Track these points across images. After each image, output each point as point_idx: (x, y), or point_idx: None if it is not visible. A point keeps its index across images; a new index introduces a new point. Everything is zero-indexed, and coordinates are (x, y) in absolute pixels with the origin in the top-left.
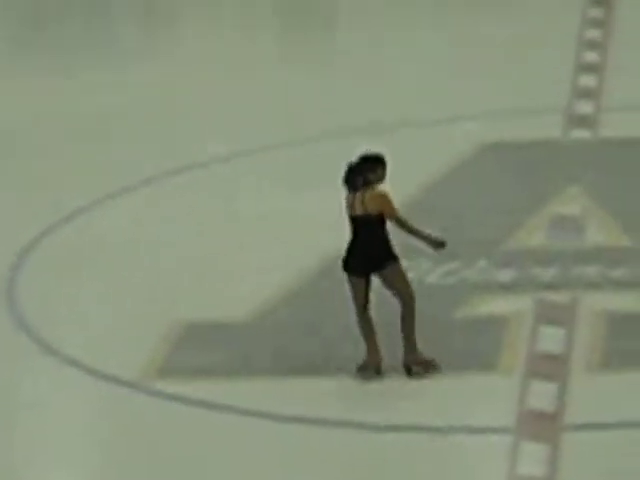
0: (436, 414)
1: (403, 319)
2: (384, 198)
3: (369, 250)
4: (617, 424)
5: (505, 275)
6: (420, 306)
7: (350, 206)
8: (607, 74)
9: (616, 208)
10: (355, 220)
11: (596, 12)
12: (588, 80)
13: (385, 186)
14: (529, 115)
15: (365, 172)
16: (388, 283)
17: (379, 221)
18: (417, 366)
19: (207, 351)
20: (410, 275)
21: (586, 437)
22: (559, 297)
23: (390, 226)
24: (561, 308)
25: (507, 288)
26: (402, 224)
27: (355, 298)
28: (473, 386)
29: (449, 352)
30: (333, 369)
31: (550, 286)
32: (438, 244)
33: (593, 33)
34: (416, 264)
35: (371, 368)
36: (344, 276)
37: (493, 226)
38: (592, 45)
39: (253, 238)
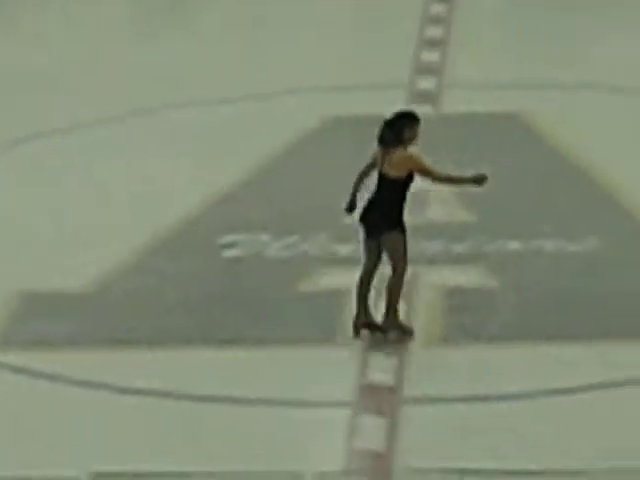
0: (272, 387)
1: (390, 286)
2: (411, 159)
3: (384, 210)
4: (454, 398)
5: (345, 248)
6: (259, 279)
7: (379, 161)
8: (450, 50)
9: None
10: (381, 177)
11: None
12: (430, 56)
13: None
14: (371, 90)
15: (400, 128)
16: (387, 248)
17: (402, 184)
18: (394, 331)
19: (47, 322)
20: (249, 249)
21: (425, 410)
22: None
23: None
24: None
25: (347, 261)
26: (436, 177)
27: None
28: (312, 358)
29: (288, 325)
30: (170, 340)
31: None
32: (481, 180)
33: (437, 8)
34: (255, 237)
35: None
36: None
37: (333, 200)
38: (436, 20)
39: (92, 211)
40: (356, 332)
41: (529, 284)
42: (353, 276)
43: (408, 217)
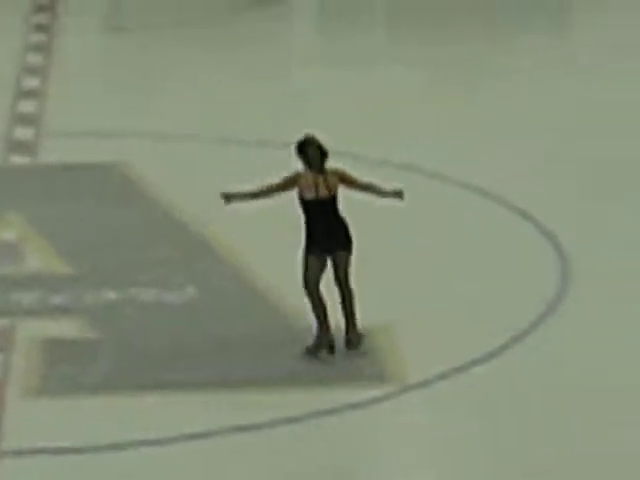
0: None
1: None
2: (342, 171)
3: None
4: (53, 450)
5: None
6: None
7: (315, 187)
8: (47, 100)
9: (55, 234)
10: (323, 202)
11: (37, 37)
12: (28, 106)
13: None
14: None
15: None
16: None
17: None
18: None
19: None
20: None
21: (23, 463)
22: None
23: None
24: None
25: None
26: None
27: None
28: None
29: None
30: None
31: None
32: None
33: (33, 58)
34: None
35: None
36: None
37: None
38: (32, 71)
39: None
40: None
41: (128, 334)
42: None
43: (3, 268)
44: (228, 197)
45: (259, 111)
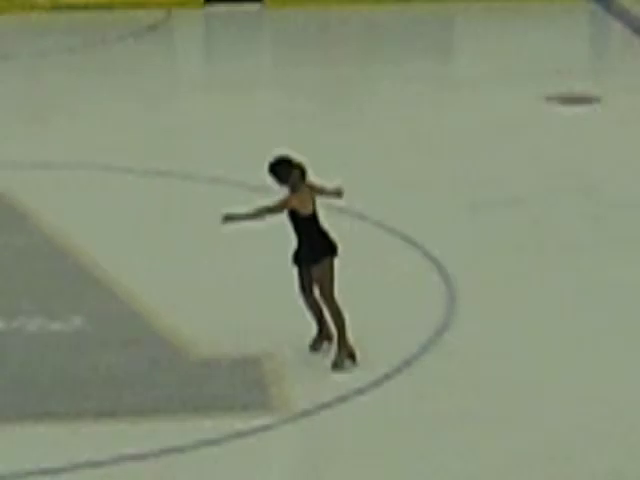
0: None
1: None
2: (311, 183)
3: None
4: None
5: None
6: None
7: (312, 203)
8: None
9: None
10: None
11: None
12: None
13: None
14: None
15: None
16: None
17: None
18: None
19: None
20: None
21: None
22: None
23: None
24: None
25: None
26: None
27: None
28: None
29: None
30: None
31: None
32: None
33: None
34: None
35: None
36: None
37: None
38: None
39: None
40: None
41: (11, 363)
42: None
43: None
44: (228, 218)
45: (145, 138)
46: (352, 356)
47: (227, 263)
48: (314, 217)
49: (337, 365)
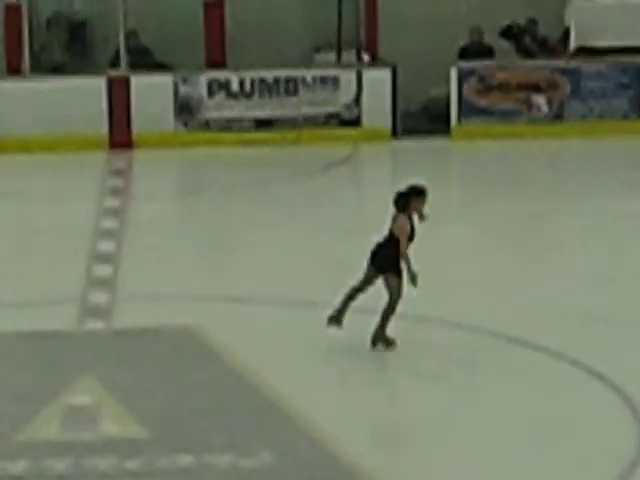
0: None
1: (385, 309)
2: (400, 224)
3: (385, 256)
4: None
5: (17, 467)
6: None
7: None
8: (121, 264)
9: (130, 398)
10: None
11: (113, 202)
12: (102, 270)
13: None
14: (44, 305)
15: (408, 197)
16: (386, 282)
17: (396, 240)
18: (381, 342)
19: None
20: None
21: None
22: None
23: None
24: None
25: None
26: (400, 248)
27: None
28: None
29: None
30: None
31: (63, 477)
32: (414, 278)
33: (108, 222)
34: None
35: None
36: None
37: (5, 418)
38: (107, 234)
39: None
40: (332, 322)
41: None
42: None
43: (78, 433)
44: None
45: (332, 274)
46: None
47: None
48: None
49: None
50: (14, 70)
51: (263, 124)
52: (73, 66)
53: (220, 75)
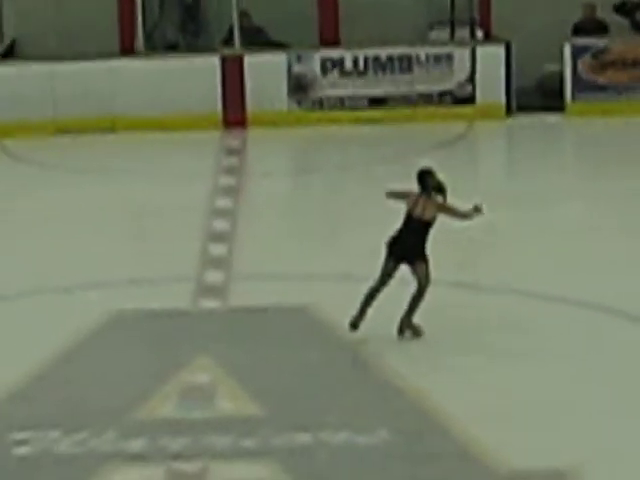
0: None
1: (414, 296)
2: (437, 203)
3: (412, 244)
4: None
5: (135, 445)
6: (50, 476)
7: (413, 204)
8: (236, 243)
9: (245, 377)
10: (411, 217)
11: (227, 180)
12: (218, 249)
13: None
14: (160, 284)
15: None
16: (414, 270)
17: (427, 225)
18: (408, 329)
19: None
20: (40, 446)
21: None
22: (190, 467)
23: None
24: (191, 477)
25: (137, 458)
26: (454, 211)
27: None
28: None
29: None
30: None
31: (180, 455)
32: (478, 210)
33: (222, 202)
34: (43, 434)
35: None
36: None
37: (123, 395)
38: (222, 213)
39: None
40: (353, 328)
41: (318, 477)
42: (144, 473)
43: (195, 411)
44: (390, 195)
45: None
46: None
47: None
48: (432, 225)
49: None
50: (127, 49)
51: (376, 102)
52: (186, 45)
53: (334, 53)
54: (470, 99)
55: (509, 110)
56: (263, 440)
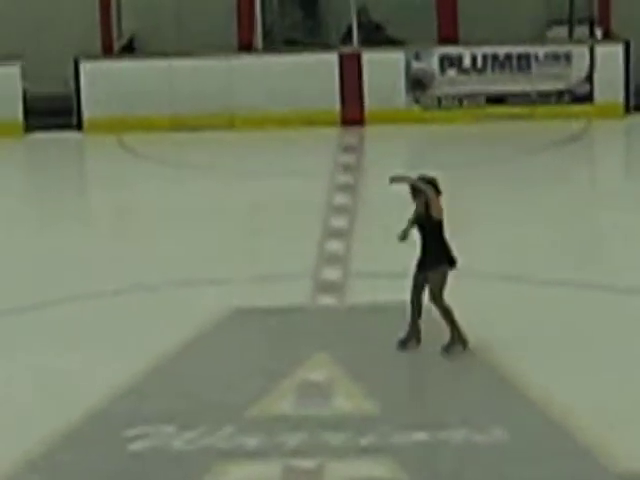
0: None
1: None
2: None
3: (431, 254)
4: None
5: (251, 442)
6: (164, 473)
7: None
8: (354, 240)
9: (362, 375)
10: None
11: (345, 178)
12: (335, 245)
13: None
14: (277, 281)
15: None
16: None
17: (435, 224)
18: (458, 341)
19: None
20: (155, 442)
21: None
22: (306, 464)
23: None
24: (308, 474)
25: (254, 454)
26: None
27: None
28: None
29: None
30: None
31: (297, 452)
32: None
33: (341, 199)
34: (158, 430)
35: (413, 340)
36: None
37: (240, 391)
38: (340, 211)
39: None
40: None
41: (437, 476)
42: (261, 470)
43: (312, 409)
44: (394, 179)
45: (558, 251)
46: (464, 343)
47: None
48: (442, 224)
49: (448, 349)
50: (246, 46)
51: (494, 100)
52: (305, 42)
53: (452, 51)
54: (588, 98)
55: (627, 109)
56: (380, 438)
